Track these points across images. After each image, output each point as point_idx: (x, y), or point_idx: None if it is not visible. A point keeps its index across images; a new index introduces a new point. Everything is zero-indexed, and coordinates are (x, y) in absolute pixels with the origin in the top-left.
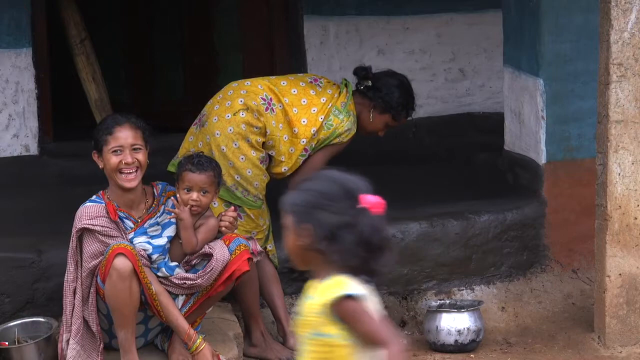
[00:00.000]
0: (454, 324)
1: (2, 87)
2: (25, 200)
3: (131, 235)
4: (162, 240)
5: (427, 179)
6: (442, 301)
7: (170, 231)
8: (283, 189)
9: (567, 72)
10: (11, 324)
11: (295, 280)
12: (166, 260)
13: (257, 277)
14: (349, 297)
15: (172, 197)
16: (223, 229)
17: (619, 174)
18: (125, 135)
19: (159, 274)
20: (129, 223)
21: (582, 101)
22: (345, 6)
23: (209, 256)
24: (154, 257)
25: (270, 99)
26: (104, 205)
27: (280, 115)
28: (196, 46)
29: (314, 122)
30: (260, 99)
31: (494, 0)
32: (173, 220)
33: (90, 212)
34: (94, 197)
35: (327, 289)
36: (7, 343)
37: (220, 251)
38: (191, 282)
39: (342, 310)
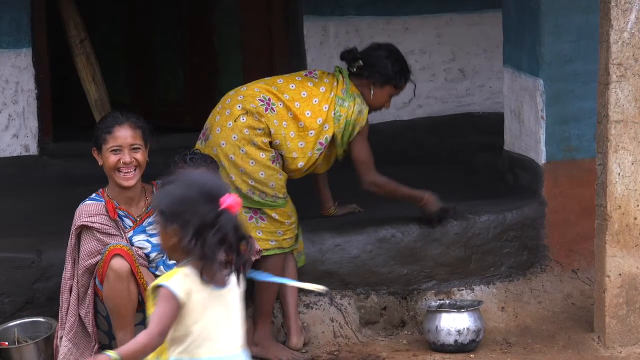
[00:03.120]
0: (454, 324)
1: (2, 87)
2: (25, 200)
3: (130, 233)
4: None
5: (427, 179)
6: (442, 301)
7: None
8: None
9: (567, 72)
10: (11, 324)
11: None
12: (164, 258)
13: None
14: (162, 286)
15: None
16: None
17: (619, 174)
18: (124, 135)
19: (157, 272)
20: (128, 222)
21: (582, 101)
22: (345, 6)
23: None
24: (153, 255)
25: (269, 99)
26: (104, 203)
27: (282, 113)
28: (196, 46)
29: (318, 112)
30: (257, 100)
31: (494, 0)
32: None
33: (89, 210)
34: (93, 195)
35: (162, 276)
36: (7, 343)
37: None
38: None
39: (157, 296)
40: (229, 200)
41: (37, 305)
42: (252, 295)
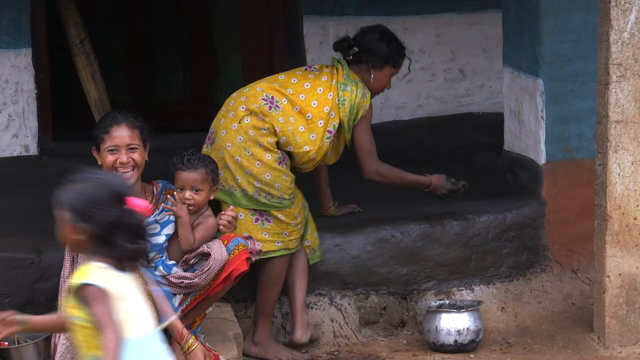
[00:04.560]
0: (454, 324)
1: (2, 87)
2: (25, 200)
3: None
4: (160, 239)
5: None
6: (442, 301)
7: (168, 229)
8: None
9: (567, 72)
10: None
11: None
12: (164, 258)
13: (284, 278)
14: (88, 285)
15: (169, 196)
16: (221, 227)
17: (619, 174)
18: (121, 135)
19: (156, 272)
20: None
21: (581, 101)
22: (345, 6)
23: (207, 255)
24: (152, 255)
25: (272, 97)
26: None
27: (287, 109)
28: (196, 46)
29: (324, 101)
30: (261, 100)
31: (494, 0)
32: (172, 218)
33: None
34: None
35: (77, 274)
36: (6, 343)
37: (218, 250)
38: (189, 282)
39: (82, 296)
40: (137, 202)
41: (37, 305)
42: (254, 295)
